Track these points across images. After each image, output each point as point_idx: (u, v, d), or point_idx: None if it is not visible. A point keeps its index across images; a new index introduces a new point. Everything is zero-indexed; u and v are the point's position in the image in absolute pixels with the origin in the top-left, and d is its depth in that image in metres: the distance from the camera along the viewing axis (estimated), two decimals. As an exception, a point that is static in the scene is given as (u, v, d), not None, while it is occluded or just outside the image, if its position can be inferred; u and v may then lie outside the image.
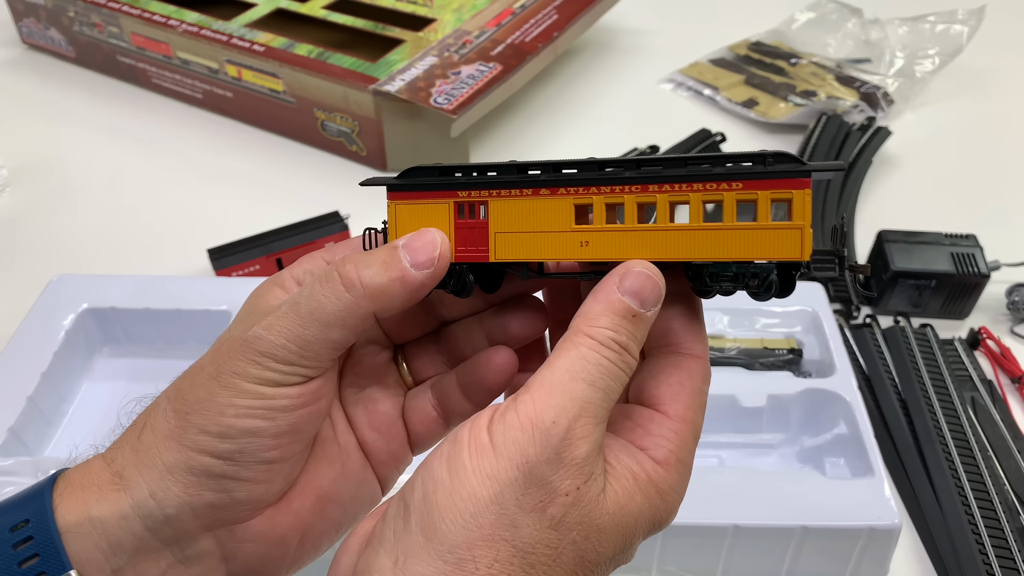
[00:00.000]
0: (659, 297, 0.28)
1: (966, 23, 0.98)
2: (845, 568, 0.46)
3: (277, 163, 0.85)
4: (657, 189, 0.28)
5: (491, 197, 0.30)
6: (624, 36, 1.07)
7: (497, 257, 0.30)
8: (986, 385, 0.60)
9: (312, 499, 0.32)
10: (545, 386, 0.26)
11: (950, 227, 0.68)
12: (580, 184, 0.29)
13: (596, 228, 0.29)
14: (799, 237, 0.27)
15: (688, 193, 0.28)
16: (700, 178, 0.28)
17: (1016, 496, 0.52)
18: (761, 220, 0.27)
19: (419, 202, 0.31)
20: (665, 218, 0.28)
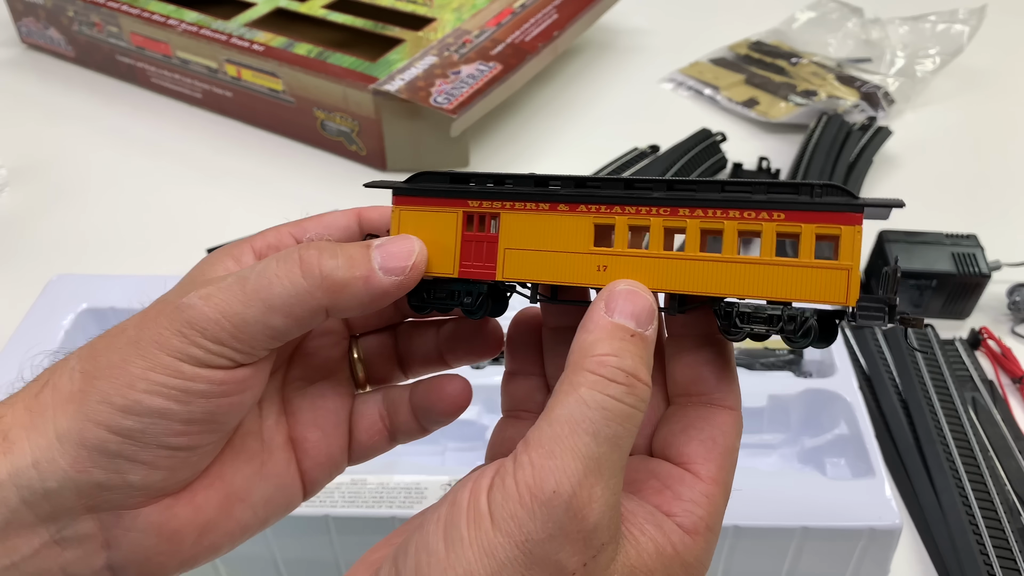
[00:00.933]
0: (653, 312, 0.25)
1: (967, 23, 0.98)
2: (846, 569, 0.46)
3: (277, 163, 0.84)
4: (688, 213, 0.25)
5: (504, 210, 0.28)
6: (624, 35, 1.07)
7: (505, 276, 0.28)
8: (987, 385, 0.60)
9: (219, 496, 0.29)
10: (544, 444, 0.23)
11: (951, 227, 0.68)
12: (603, 202, 0.27)
13: (617, 252, 0.26)
14: (846, 279, 0.24)
15: (723, 220, 0.25)
16: (738, 204, 0.25)
17: (1017, 496, 0.52)
18: (803, 257, 0.24)
19: (426, 209, 0.29)
20: (695, 247, 0.25)
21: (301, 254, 0.26)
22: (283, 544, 0.46)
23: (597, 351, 0.24)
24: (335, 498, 0.45)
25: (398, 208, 0.29)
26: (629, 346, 0.24)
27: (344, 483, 0.45)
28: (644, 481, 0.27)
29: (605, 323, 0.25)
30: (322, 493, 0.45)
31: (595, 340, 0.24)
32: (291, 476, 0.31)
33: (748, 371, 0.55)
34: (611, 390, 0.23)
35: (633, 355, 0.24)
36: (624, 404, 0.23)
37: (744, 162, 0.83)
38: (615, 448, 0.23)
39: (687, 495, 0.26)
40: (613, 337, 0.24)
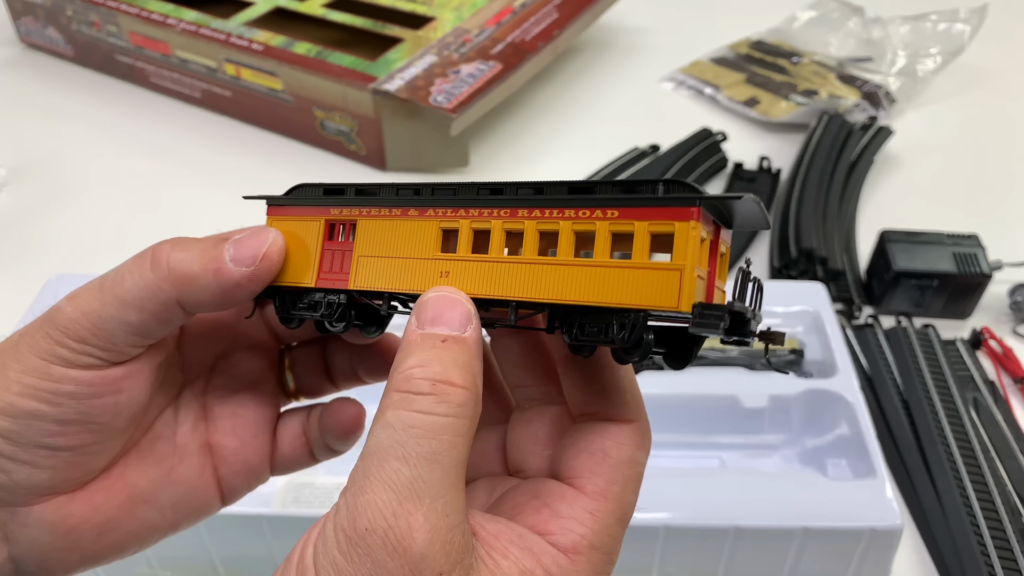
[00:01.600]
0: (467, 313, 0.24)
1: (968, 22, 0.98)
2: (847, 569, 0.46)
3: (276, 162, 0.84)
4: (526, 214, 0.24)
5: (361, 216, 0.27)
6: (625, 35, 1.06)
7: (356, 285, 0.27)
8: (988, 385, 0.59)
9: (121, 496, 0.29)
10: (356, 482, 0.22)
11: (952, 227, 0.68)
12: (450, 205, 0.25)
13: (458, 257, 0.25)
14: (678, 281, 0.21)
15: (559, 220, 0.23)
16: (571, 204, 0.23)
17: (1018, 497, 0.51)
18: (636, 258, 0.22)
19: (294, 219, 0.28)
20: (533, 250, 0.24)
21: (154, 248, 0.26)
22: (283, 544, 0.46)
23: (403, 366, 0.23)
24: (335, 499, 0.44)
25: (271, 219, 0.29)
26: (441, 352, 0.23)
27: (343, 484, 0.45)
28: (524, 502, 0.25)
29: (415, 336, 0.23)
30: (321, 494, 0.45)
31: (404, 356, 0.23)
32: (204, 482, 0.31)
33: (748, 371, 0.55)
34: (416, 404, 0.22)
35: (443, 360, 0.22)
36: (435, 415, 0.22)
37: (745, 161, 0.83)
38: (434, 466, 0.21)
39: (566, 511, 0.24)
40: (422, 348, 0.23)
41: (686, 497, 0.45)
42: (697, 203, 0.21)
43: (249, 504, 0.44)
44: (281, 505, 0.44)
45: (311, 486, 0.45)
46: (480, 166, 0.83)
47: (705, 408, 0.52)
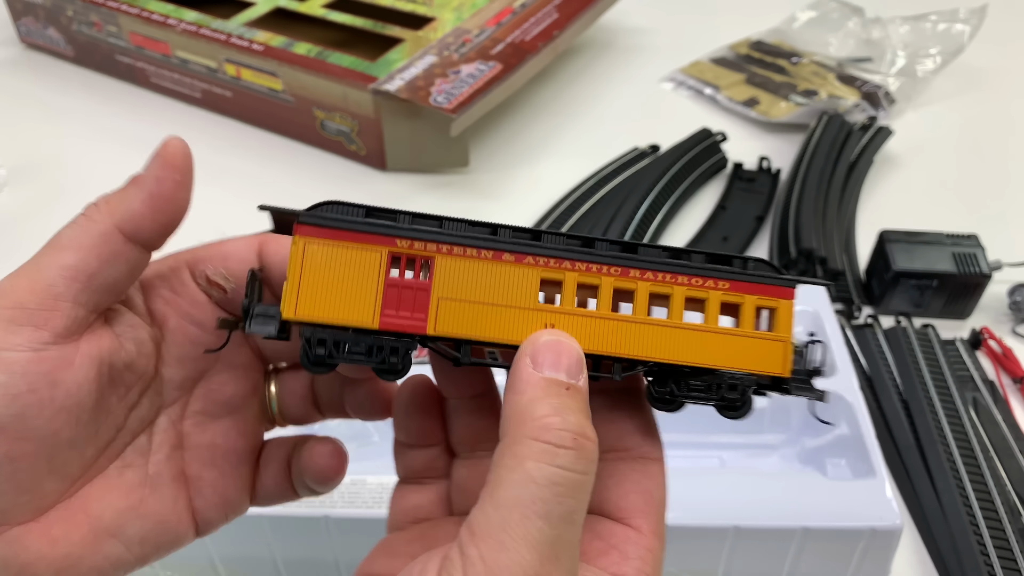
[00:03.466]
0: (582, 360, 0.24)
1: (968, 22, 0.98)
2: (846, 569, 0.46)
3: (276, 162, 0.84)
4: (639, 276, 0.25)
5: (440, 253, 0.25)
6: (625, 35, 1.06)
7: (438, 330, 0.25)
8: (988, 385, 0.60)
9: (83, 530, 0.26)
10: (492, 534, 0.21)
11: (952, 227, 0.68)
12: (553, 255, 0.25)
13: (565, 311, 0.25)
14: (782, 351, 0.26)
15: (672, 285, 0.25)
16: (688, 270, 0.25)
17: (1018, 497, 0.52)
18: (744, 327, 0.26)
19: (342, 244, 0.25)
20: (643, 310, 0.25)
21: (90, 207, 0.26)
22: (283, 544, 0.46)
23: (537, 413, 0.22)
24: (335, 499, 0.44)
25: (302, 240, 0.25)
26: (568, 401, 0.23)
27: (344, 484, 0.45)
28: (588, 543, 0.25)
29: (536, 380, 0.23)
30: (321, 494, 0.45)
31: (531, 400, 0.22)
32: (178, 514, 0.28)
33: (749, 371, 0.55)
34: (560, 460, 0.22)
35: (575, 411, 0.22)
36: (575, 473, 0.22)
37: (745, 162, 0.83)
38: (570, 526, 0.21)
39: (633, 552, 0.25)
40: (549, 394, 0.22)
41: (686, 497, 0.45)
42: (795, 286, 0.26)
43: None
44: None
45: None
46: (480, 166, 0.83)
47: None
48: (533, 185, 0.81)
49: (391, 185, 0.80)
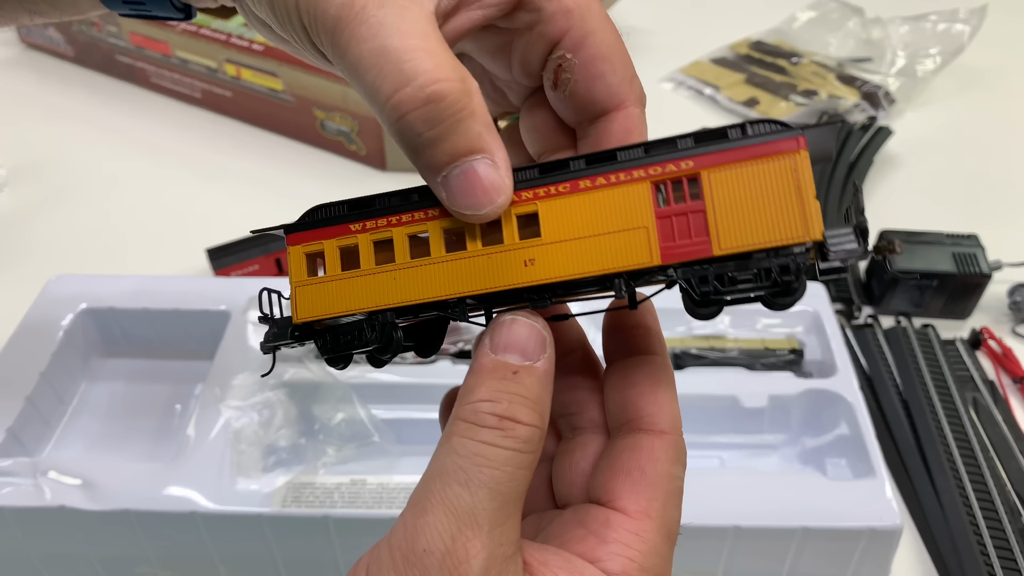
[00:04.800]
0: (542, 340, 0.23)
1: (968, 22, 0.98)
2: (846, 569, 0.46)
3: (276, 162, 0.84)
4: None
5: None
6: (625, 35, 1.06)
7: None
8: (988, 385, 0.60)
9: None
10: (417, 503, 0.22)
11: (952, 227, 0.68)
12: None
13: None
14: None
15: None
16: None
17: (1018, 497, 0.52)
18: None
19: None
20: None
21: (435, 84, 0.23)
22: (283, 544, 0.46)
23: (472, 397, 0.22)
24: (335, 499, 0.45)
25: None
26: (510, 385, 0.22)
27: (344, 484, 0.45)
28: (569, 531, 0.24)
29: (485, 362, 0.23)
30: (321, 493, 0.45)
31: (473, 384, 0.23)
32: None
33: (748, 371, 0.55)
34: (482, 435, 0.22)
35: (512, 396, 0.22)
36: (500, 447, 0.22)
37: (744, 162, 0.83)
38: (493, 495, 0.21)
39: (613, 536, 0.23)
40: (493, 377, 0.23)
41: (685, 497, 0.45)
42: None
43: (249, 504, 0.44)
44: (281, 505, 0.44)
45: (311, 486, 0.45)
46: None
47: (705, 408, 0.52)
48: (533, 185, 0.81)
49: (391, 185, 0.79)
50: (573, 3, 0.26)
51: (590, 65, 0.26)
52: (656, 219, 0.23)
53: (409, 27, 0.23)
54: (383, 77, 0.23)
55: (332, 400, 0.51)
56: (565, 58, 0.26)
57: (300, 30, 0.25)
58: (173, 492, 0.44)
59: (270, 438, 0.49)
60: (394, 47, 0.23)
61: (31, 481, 0.45)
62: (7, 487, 0.45)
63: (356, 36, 0.23)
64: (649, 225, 0.23)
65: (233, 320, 0.55)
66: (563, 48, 0.26)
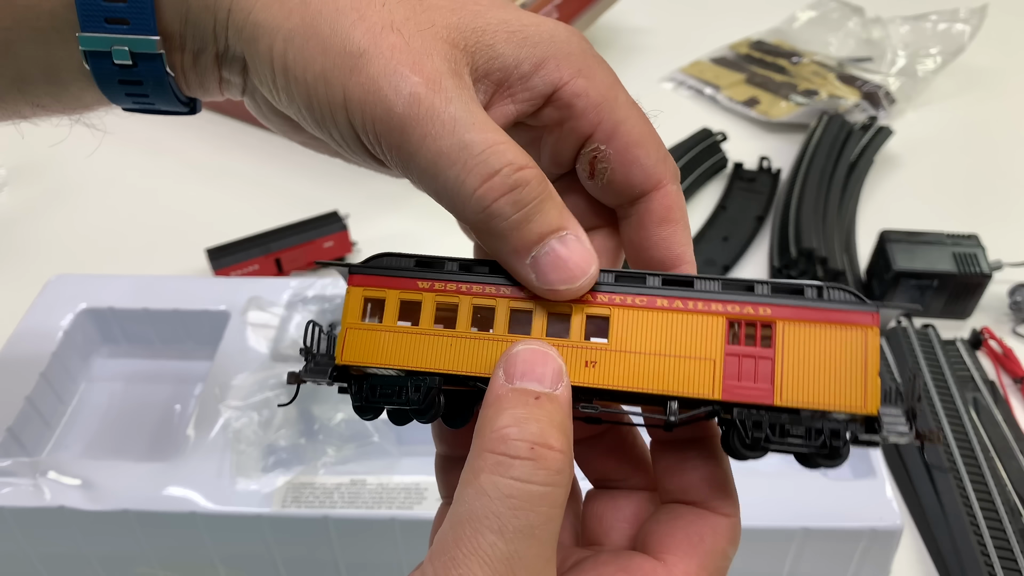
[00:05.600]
0: (559, 369, 0.23)
1: (968, 22, 0.98)
2: (847, 570, 0.46)
3: (276, 162, 0.84)
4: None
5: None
6: (625, 35, 1.06)
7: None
8: (988, 386, 0.59)
9: None
10: (445, 551, 0.20)
11: (952, 227, 0.68)
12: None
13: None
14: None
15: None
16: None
17: (1018, 497, 0.52)
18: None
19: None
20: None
21: (497, 173, 0.24)
22: (283, 544, 0.46)
23: (496, 424, 0.21)
24: (335, 499, 0.44)
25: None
26: (534, 411, 0.22)
27: (344, 484, 0.45)
28: (611, 575, 0.24)
29: (504, 391, 0.22)
30: (321, 493, 0.45)
31: (493, 414, 0.22)
32: None
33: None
34: (515, 471, 0.21)
35: (539, 419, 0.21)
36: (533, 485, 0.20)
37: (745, 161, 0.83)
38: (530, 541, 0.20)
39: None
40: (515, 404, 0.22)
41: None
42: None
43: (249, 504, 0.44)
44: (281, 505, 0.44)
45: (311, 486, 0.45)
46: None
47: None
48: (533, 185, 0.81)
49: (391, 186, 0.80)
50: (601, 96, 0.27)
51: (625, 153, 0.27)
52: (725, 355, 0.24)
53: (481, 121, 0.24)
54: (468, 171, 0.23)
55: (332, 400, 0.51)
56: (600, 150, 0.27)
57: (347, 129, 0.25)
58: (173, 492, 0.44)
59: (270, 438, 0.49)
60: (475, 141, 0.23)
61: (31, 481, 0.45)
62: (7, 487, 0.45)
63: (431, 134, 0.23)
64: (717, 359, 0.24)
65: (233, 320, 0.54)
66: (595, 140, 0.27)
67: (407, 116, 0.23)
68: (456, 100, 0.24)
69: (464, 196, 0.24)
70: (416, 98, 0.23)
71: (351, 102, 0.24)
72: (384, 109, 0.23)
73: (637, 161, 0.27)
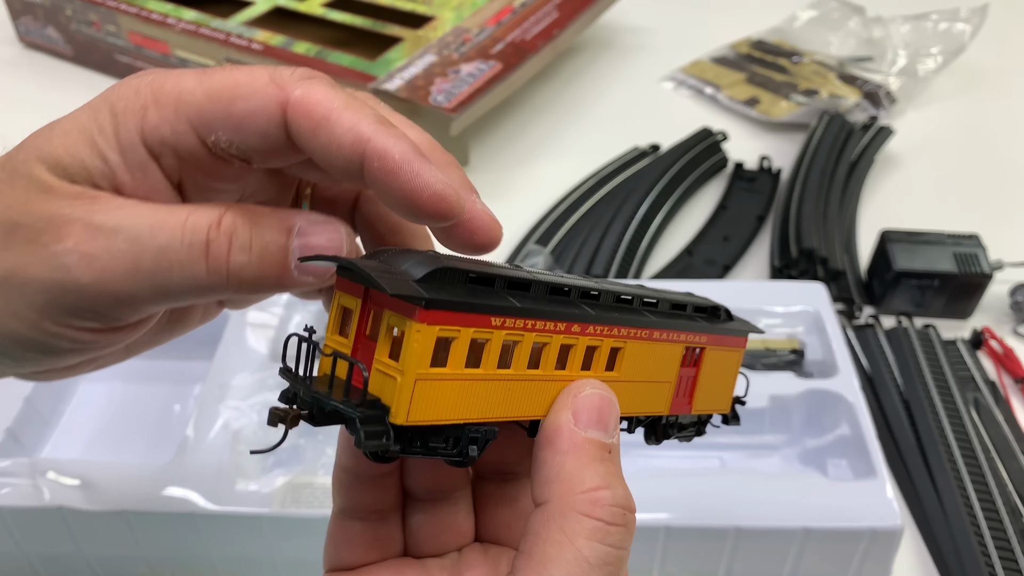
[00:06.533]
0: (618, 416, 0.23)
1: (969, 21, 0.98)
2: (847, 570, 0.46)
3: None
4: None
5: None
6: (625, 34, 1.06)
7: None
8: (989, 386, 0.59)
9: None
10: None
11: (953, 227, 0.68)
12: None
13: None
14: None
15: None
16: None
17: (1019, 497, 0.51)
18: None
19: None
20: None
21: (210, 242, 0.22)
22: (282, 545, 0.46)
23: (587, 484, 0.21)
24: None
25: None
26: (612, 467, 0.22)
27: (343, 484, 0.45)
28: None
29: (580, 441, 0.22)
30: (320, 494, 0.45)
31: (578, 467, 0.21)
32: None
33: (750, 371, 0.55)
34: (612, 538, 0.21)
35: (620, 480, 0.21)
36: (623, 551, 0.21)
37: (745, 161, 0.82)
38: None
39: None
40: (595, 459, 0.21)
41: (686, 497, 0.45)
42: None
43: (248, 504, 0.44)
44: (281, 505, 0.44)
45: (311, 486, 0.45)
46: (480, 166, 0.83)
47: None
48: (533, 185, 0.81)
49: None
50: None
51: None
52: (678, 378, 0.29)
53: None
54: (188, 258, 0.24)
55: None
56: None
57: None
58: (172, 492, 0.44)
59: (270, 438, 0.49)
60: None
61: (29, 481, 0.45)
62: (5, 487, 0.45)
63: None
64: (672, 381, 0.28)
65: (233, 320, 0.54)
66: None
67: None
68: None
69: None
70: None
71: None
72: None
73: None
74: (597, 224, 0.73)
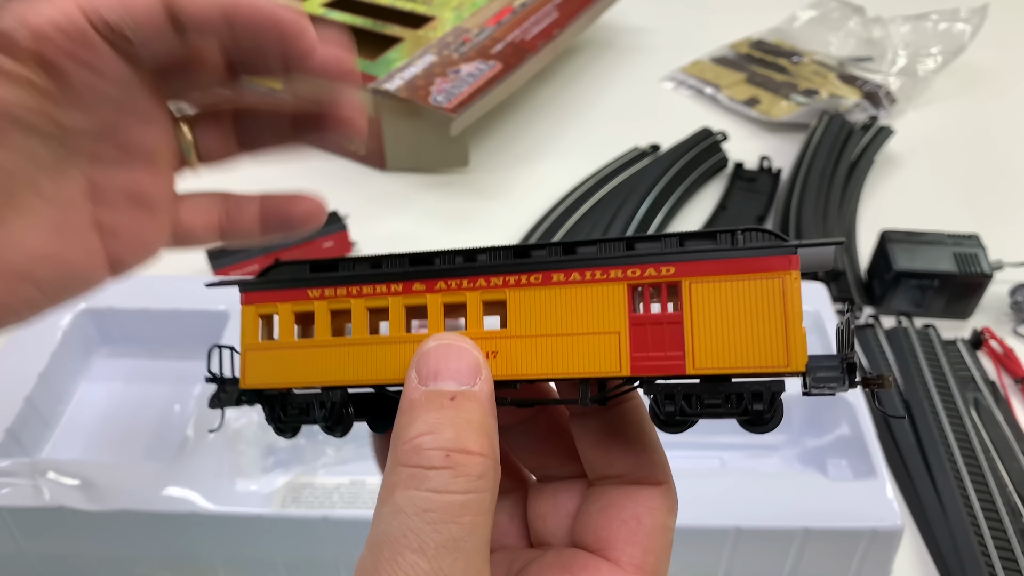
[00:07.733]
0: (476, 363, 0.21)
1: (969, 21, 0.98)
2: (847, 570, 0.46)
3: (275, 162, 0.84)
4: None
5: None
6: (625, 34, 1.06)
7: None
8: (989, 386, 0.59)
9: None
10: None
11: (953, 227, 0.68)
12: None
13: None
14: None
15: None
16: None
17: (1019, 497, 0.51)
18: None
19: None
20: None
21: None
22: (283, 545, 0.46)
23: (409, 433, 0.20)
24: (334, 500, 0.44)
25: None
26: (449, 413, 0.20)
27: (344, 484, 0.45)
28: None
29: (418, 395, 0.20)
30: (320, 494, 0.45)
31: (406, 422, 0.20)
32: (91, 259, 0.29)
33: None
34: (430, 483, 0.19)
35: (455, 423, 0.20)
36: (453, 495, 0.19)
37: (745, 161, 0.82)
38: (456, 555, 0.18)
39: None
40: (428, 408, 0.20)
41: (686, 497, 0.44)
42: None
43: (249, 504, 0.44)
44: (281, 505, 0.44)
45: (311, 486, 0.45)
46: (480, 166, 0.83)
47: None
48: (533, 185, 0.81)
49: (390, 185, 0.80)
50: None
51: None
52: (630, 326, 0.21)
53: None
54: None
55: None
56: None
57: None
58: (172, 493, 0.44)
59: (269, 438, 0.49)
60: None
61: (30, 481, 0.45)
62: (6, 487, 0.45)
63: None
64: (622, 331, 0.21)
65: (232, 320, 0.54)
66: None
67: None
68: None
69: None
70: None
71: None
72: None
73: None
74: (597, 224, 0.73)
